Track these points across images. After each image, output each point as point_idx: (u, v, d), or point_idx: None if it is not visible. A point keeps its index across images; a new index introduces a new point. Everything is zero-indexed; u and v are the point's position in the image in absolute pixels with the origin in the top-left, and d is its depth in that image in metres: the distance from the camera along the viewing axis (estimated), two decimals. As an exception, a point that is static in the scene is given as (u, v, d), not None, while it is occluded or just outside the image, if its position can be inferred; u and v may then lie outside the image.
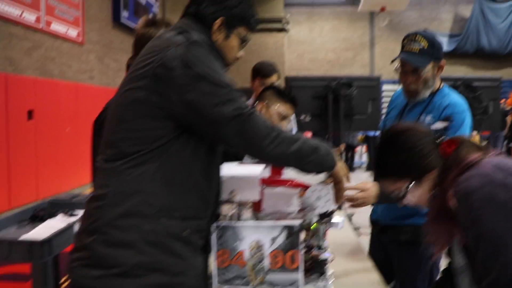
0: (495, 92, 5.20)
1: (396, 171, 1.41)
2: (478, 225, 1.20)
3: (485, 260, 1.19)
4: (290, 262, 1.47)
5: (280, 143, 1.34)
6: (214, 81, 1.30)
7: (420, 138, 1.39)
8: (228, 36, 1.46)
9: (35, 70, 6.09)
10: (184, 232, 1.34)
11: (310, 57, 17.15)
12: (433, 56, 2.12)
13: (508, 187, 1.21)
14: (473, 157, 1.31)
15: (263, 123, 1.34)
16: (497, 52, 16.59)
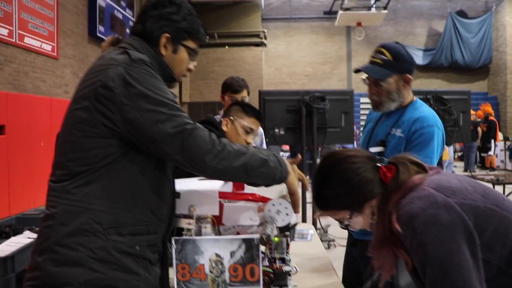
0: (465, 105, 5.31)
1: (336, 204, 1.37)
2: (423, 249, 1.20)
3: (432, 282, 1.20)
4: (249, 275, 1.49)
5: (225, 158, 1.34)
6: (154, 99, 1.32)
7: (358, 167, 1.34)
8: (175, 50, 1.49)
9: (8, 85, 6.01)
10: (135, 247, 1.35)
11: (288, 71, 17.33)
12: (396, 69, 2.11)
13: (450, 207, 1.22)
14: (414, 179, 1.31)
15: (206, 138, 1.34)
16: (470, 66, 17.04)
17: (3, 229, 2.57)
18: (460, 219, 1.21)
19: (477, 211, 1.24)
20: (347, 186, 1.33)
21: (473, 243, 1.20)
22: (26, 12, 6.35)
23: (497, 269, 1.24)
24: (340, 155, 1.39)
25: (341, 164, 1.36)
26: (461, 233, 1.20)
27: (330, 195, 1.36)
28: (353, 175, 1.33)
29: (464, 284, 1.17)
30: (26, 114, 5.78)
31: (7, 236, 2.52)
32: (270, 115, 4.84)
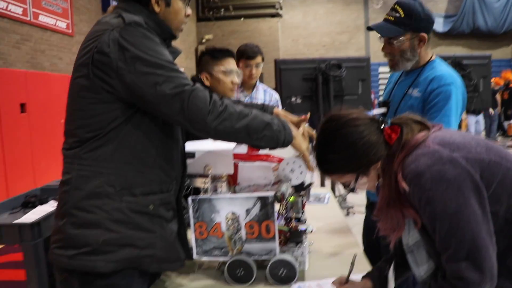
0: (485, 70, 5.21)
1: (341, 168, 1.34)
2: (432, 205, 1.21)
3: (443, 237, 1.21)
4: (265, 232, 1.52)
5: (226, 119, 1.35)
6: (150, 61, 1.31)
7: (362, 130, 1.31)
8: (168, 3, 1.47)
9: (26, 63, 6.11)
10: (149, 207, 1.40)
11: (305, 41, 17.10)
12: (410, 27, 2.03)
13: (455, 162, 1.21)
14: (418, 137, 1.30)
15: (206, 99, 1.34)
16: (493, 32, 16.54)
17: (29, 199, 2.65)
18: (466, 173, 1.20)
19: (482, 164, 1.23)
20: (352, 150, 1.30)
21: (481, 196, 1.20)
22: (40, -10, 6.39)
23: (504, 220, 1.24)
24: (343, 118, 1.34)
25: (344, 127, 1.32)
26: (468, 187, 1.20)
27: (335, 160, 1.34)
28: (357, 138, 1.30)
29: (474, 237, 1.18)
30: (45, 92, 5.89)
31: (33, 205, 2.60)
32: (286, 84, 4.83)
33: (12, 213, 2.52)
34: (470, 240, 1.18)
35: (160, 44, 1.39)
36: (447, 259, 1.22)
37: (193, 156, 1.58)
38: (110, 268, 1.34)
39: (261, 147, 1.52)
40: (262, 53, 3.32)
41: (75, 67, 1.40)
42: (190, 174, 1.60)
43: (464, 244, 1.18)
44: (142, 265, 1.39)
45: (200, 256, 1.57)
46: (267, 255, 1.54)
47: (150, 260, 1.40)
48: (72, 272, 1.36)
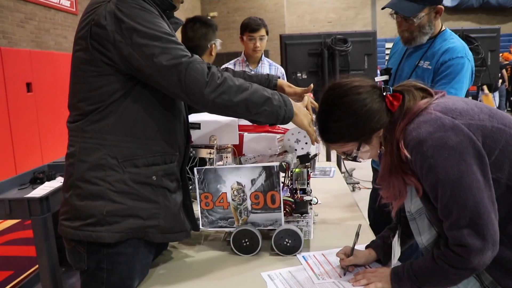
0: (494, 43, 5.13)
1: (344, 136, 1.33)
2: (434, 172, 1.20)
3: (445, 204, 1.21)
4: (270, 202, 1.53)
5: (224, 92, 1.34)
6: (146, 33, 1.30)
7: (365, 98, 1.29)
8: None
9: (30, 42, 6.09)
10: (152, 177, 1.41)
11: (311, 17, 16.90)
12: (428, 1, 1.99)
13: (457, 129, 1.21)
14: (420, 104, 1.29)
15: (203, 71, 1.32)
16: (503, 5, 16.23)
17: (37, 175, 2.69)
18: (468, 140, 1.20)
19: (485, 131, 1.23)
20: (354, 118, 1.29)
21: (483, 163, 1.20)
22: (43, -33, 6.33)
23: (506, 187, 1.24)
24: (345, 86, 1.32)
25: (347, 95, 1.30)
26: (470, 154, 1.19)
27: (337, 128, 1.32)
28: (359, 106, 1.29)
29: (476, 204, 1.17)
30: (51, 70, 5.89)
31: (41, 181, 2.64)
32: (292, 59, 4.79)
33: (21, 189, 2.55)
34: (472, 207, 1.18)
35: (158, 15, 1.37)
36: (449, 227, 1.22)
37: (199, 127, 1.58)
38: (115, 238, 1.36)
39: (261, 123, 1.50)
40: (266, 26, 3.29)
41: (75, 40, 1.39)
42: (196, 145, 1.60)
43: (466, 211, 1.18)
44: (147, 235, 1.41)
45: (206, 227, 1.59)
46: (273, 225, 1.56)
47: (155, 230, 1.42)
48: (79, 242, 1.38)
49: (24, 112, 5.38)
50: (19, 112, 5.29)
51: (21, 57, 5.45)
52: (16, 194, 2.44)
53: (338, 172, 2.79)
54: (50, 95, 5.79)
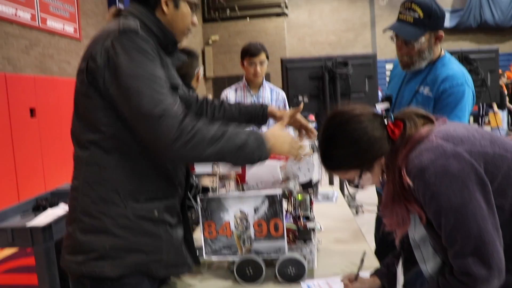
0: (493, 63, 5.15)
1: (345, 164, 1.34)
2: (437, 200, 1.20)
3: (448, 232, 1.21)
4: (274, 230, 1.53)
5: (195, 146, 1.30)
6: (131, 74, 1.30)
7: (366, 126, 1.30)
8: (177, 5, 1.48)
9: (34, 68, 6.16)
10: (153, 212, 1.41)
11: (311, 40, 17.08)
12: (429, 27, 1.99)
13: (459, 156, 1.20)
14: (421, 131, 1.29)
15: (173, 126, 1.28)
16: (500, 25, 16.41)
17: (40, 202, 2.69)
18: (470, 167, 1.19)
19: (487, 157, 1.22)
20: (356, 146, 1.30)
21: (486, 190, 1.19)
22: (47, -5, 6.44)
23: (510, 214, 1.23)
24: (346, 114, 1.33)
25: (348, 123, 1.31)
26: (473, 181, 1.19)
27: (339, 156, 1.33)
28: (361, 134, 1.30)
29: (480, 232, 1.17)
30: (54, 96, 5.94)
31: (44, 208, 2.64)
32: (293, 83, 4.81)
33: (24, 216, 2.55)
34: (476, 235, 1.17)
35: (153, 56, 1.36)
36: (454, 255, 1.21)
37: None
38: (118, 273, 1.36)
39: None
40: (266, 51, 3.33)
41: (77, 73, 1.41)
42: (199, 173, 1.61)
43: (470, 239, 1.17)
44: (150, 270, 1.41)
45: (209, 255, 1.58)
46: (276, 254, 1.55)
47: (158, 265, 1.41)
48: (83, 275, 1.38)
49: (27, 137, 5.41)
50: (23, 137, 5.32)
51: (25, 83, 5.50)
52: (18, 222, 2.44)
53: (341, 197, 2.78)
54: (53, 120, 5.83)
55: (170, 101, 1.31)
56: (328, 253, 1.84)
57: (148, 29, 1.42)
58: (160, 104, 1.29)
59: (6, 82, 5.12)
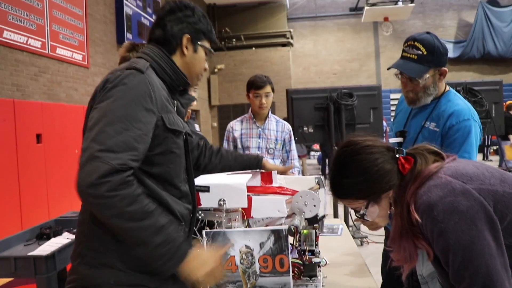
0: (497, 95, 5.20)
1: (353, 193, 1.35)
2: (445, 237, 1.20)
3: (456, 270, 1.20)
4: (279, 266, 1.52)
5: (108, 208, 1.23)
6: (107, 116, 1.27)
7: (377, 158, 1.32)
8: (196, 49, 1.55)
9: (42, 95, 6.23)
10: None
11: (316, 69, 17.26)
12: (433, 63, 2.02)
13: (468, 194, 1.21)
14: (431, 168, 1.30)
15: (104, 171, 1.20)
16: (503, 56, 16.57)
17: (43, 230, 2.68)
18: (479, 205, 1.20)
19: (496, 196, 1.23)
20: (365, 176, 1.31)
21: (495, 228, 1.19)
22: (57, 24, 6.57)
23: None
24: (358, 144, 1.36)
25: (359, 154, 1.33)
26: (482, 219, 1.19)
27: (348, 185, 1.34)
28: (371, 165, 1.31)
29: (488, 270, 1.16)
30: (61, 122, 5.98)
31: (47, 237, 2.63)
32: (298, 113, 4.86)
33: (27, 245, 2.54)
34: (484, 274, 1.16)
35: (145, 101, 1.33)
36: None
37: (208, 190, 1.59)
38: None
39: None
40: (271, 83, 3.36)
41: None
42: (204, 208, 1.61)
43: (478, 278, 1.17)
44: None
45: (214, 290, 1.56)
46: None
47: None
48: None
49: (33, 163, 5.43)
50: (28, 163, 5.34)
51: (32, 109, 5.55)
52: (21, 250, 2.43)
53: (346, 229, 2.76)
54: (59, 146, 5.86)
55: (122, 152, 1.23)
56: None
57: (161, 69, 1.47)
58: (107, 148, 1.22)
59: (14, 108, 5.18)
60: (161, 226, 1.29)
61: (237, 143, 3.39)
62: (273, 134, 3.36)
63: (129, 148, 1.25)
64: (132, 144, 1.26)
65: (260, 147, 3.35)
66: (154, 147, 1.36)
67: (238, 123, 3.45)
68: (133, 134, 1.27)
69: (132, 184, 1.25)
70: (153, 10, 10.38)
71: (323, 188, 1.73)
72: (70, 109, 6.41)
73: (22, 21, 5.73)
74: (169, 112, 1.43)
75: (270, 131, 3.36)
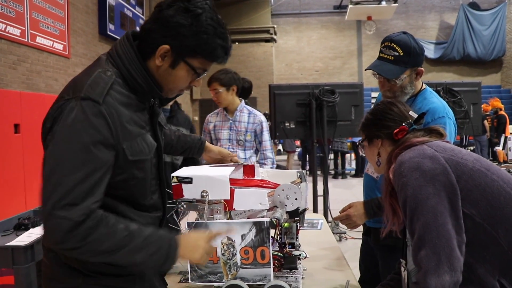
0: (476, 96, 5.30)
1: (362, 126, 1.66)
2: (405, 190, 1.32)
3: (409, 221, 1.32)
4: (260, 258, 1.53)
5: (87, 252, 1.19)
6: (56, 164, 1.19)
7: (393, 113, 1.57)
8: (174, 65, 1.32)
9: (21, 84, 6.12)
10: None
11: (299, 66, 17.33)
12: (409, 64, 2.03)
13: (435, 158, 1.34)
14: (419, 138, 1.46)
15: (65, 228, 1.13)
16: (482, 59, 16.89)
17: (21, 221, 2.65)
18: (442, 169, 1.31)
19: (464, 168, 1.33)
20: (375, 117, 1.62)
21: (453, 193, 1.29)
22: (38, 12, 6.45)
23: (481, 228, 1.29)
24: (394, 100, 1.68)
25: (388, 103, 1.63)
26: (441, 182, 1.30)
27: (366, 118, 1.67)
28: (384, 113, 1.60)
29: (436, 225, 1.25)
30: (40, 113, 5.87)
31: (26, 228, 2.60)
32: (280, 109, 4.88)
33: (4, 235, 2.51)
34: (432, 227, 1.25)
35: (103, 137, 1.21)
36: (413, 248, 1.29)
37: (191, 182, 1.60)
38: None
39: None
40: (222, 79, 3.38)
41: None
42: (187, 199, 1.61)
43: (426, 229, 1.25)
44: None
45: (195, 281, 1.58)
46: (262, 281, 1.55)
47: None
48: None
49: (10, 153, 5.34)
50: (5, 153, 5.25)
51: (11, 98, 5.45)
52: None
53: (325, 224, 2.80)
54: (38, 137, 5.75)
55: (83, 202, 1.16)
56: (313, 281, 1.84)
57: (131, 78, 1.31)
58: (68, 203, 1.14)
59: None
60: (145, 238, 1.25)
61: (211, 135, 3.53)
62: (244, 126, 3.43)
63: (90, 195, 1.17)
64: (93, 190, 1.18)
65: (231, 138, 3.44)
66: (115, 176, 1.26)
67: (214, 115, 3.60)
68: (93, 181, 1.18)
69: (101, 222, 1.19)
70: (136, 1, 10.27)
71: (304, 182, 1.75)
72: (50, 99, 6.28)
73: (0, 7, 5.61)
74: (133, 138, 1.29)
75: (240, 123, 3.43)
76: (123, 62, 1.31)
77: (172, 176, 1.61)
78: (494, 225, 1.28)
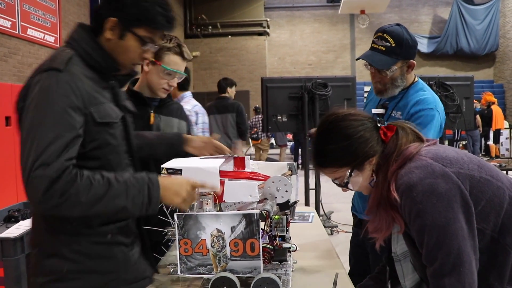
0: (468, 91, 5.31)
1: (337, 159, 1.38)
2: (422, 217, 1.24)
3: (430, 250, 1.25)
4: (250, 250, 1.53)
5: (68, 208, 1.25)
6: (35, 123, 1.26)
7: (359, 125, 1.36)
8: (122, 36, 1.42)
9: (12, 76, 6.08)
10: (106, 236, 1.42)
11: (291, 60, 17.31)
12: (401, 55, 2.03)
13: (447, 177, 1.25)
14: (412, 148, 1.34)
15: (40, 189, 1.21)
16: (475, 53, 16.95)
17: (12, 213, 2.64)
18: (457, 188, 1.24)
19: (473, 181, 1.27)
20: (349, 141, 1.35)
21: (469, 212, 1.24)
22: (29, 4, 6.38)
23: (490, 238, 1.28)
24: (341, 113, 1.40)
25: (343, 120, 1.37)
26: (458, 202, 1.23)
27: (331, 151, 1.38)
28: (355, 131, 1.35)
29: (459, 252, 1.21)
30: (31, 105, 5.85)
31: (16, 220, 2.60)
32: (272, 102, 4.88)
33: (-6, 227, 2.50)
34: (455, 254, 1.21)
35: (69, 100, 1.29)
36: (432, 273, 1.25)
37: (180, 173, 1.59)
38: None
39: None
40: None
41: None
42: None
43: (449, 258, 1.21)
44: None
45: (184, 273, 1.57)
46: (251, 273, 1.55)
47: (116, 283, 1.43)
48: None
49: (2, 146, 5.30)
50: (-4, 146, 5.22)
51: (1, 91, 5.41)
52: (-11, 233, 2.39)
53: (316, 217, 2.80)
54: (29, 130, 5.73)
55: (56, 161, 1.22)
56: (303, 273, 1.85)
57: (88, 55, 1.39)
58: (42, 162, 1.21)
59: (-18, 89, 5.03)
60: (123, 181, 1.31)
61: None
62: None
63: (64, 153, 1.24)
64: (66, 149, 1.25)
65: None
66: (87, 144, 1.34)
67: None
68: (64, 141, 1.25)
69: (77, 176, 1.25)
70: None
71: (295, 174, 1.75)
72: (41, 91, 6.26)
73: (-9, -1, 5.56)
74: (99, 103, 1.38)
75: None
76: (78, 42, 1.40)
77: (162, 168, 1.60)
78: (502, 234, 1.28)
